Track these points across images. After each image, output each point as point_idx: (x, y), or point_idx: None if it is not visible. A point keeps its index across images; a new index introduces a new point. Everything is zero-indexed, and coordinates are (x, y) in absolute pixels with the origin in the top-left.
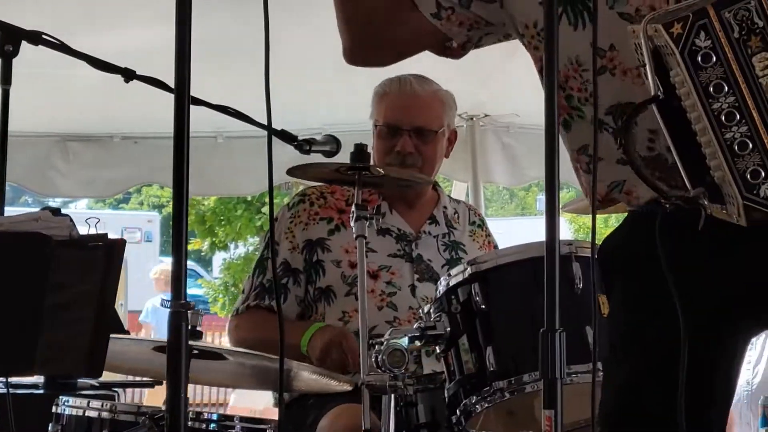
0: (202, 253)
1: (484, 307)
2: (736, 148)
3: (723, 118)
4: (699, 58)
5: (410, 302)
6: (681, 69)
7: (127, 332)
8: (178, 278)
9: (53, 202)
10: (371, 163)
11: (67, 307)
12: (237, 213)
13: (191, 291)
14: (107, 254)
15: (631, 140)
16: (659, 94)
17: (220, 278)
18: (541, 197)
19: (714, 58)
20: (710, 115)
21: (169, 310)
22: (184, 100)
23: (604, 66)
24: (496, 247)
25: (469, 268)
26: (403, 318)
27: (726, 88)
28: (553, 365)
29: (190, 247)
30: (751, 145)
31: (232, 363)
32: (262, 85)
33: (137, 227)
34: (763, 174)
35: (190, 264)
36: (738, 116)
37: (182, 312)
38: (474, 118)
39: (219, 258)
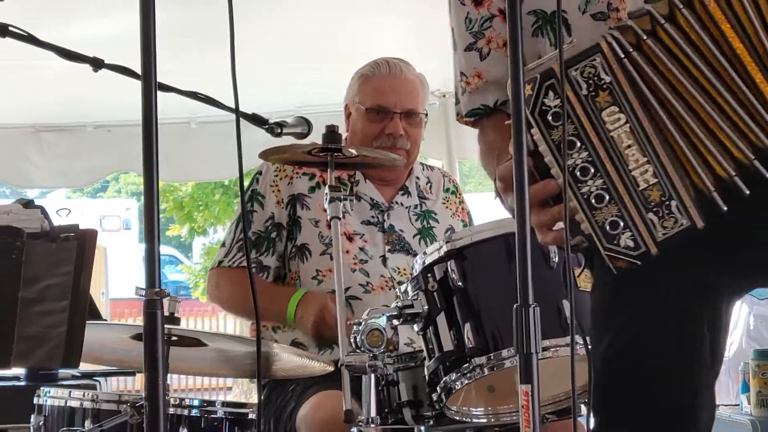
0: (182, 239)
1: (460, 284)
2: (593, 201)
3: (578, 173)
4: (549, 117)
5: (382, 271)
6: (535, 129)
7: (104, 320)
8: (152, 265)
9: (31, 192)
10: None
11: (41, 300)
12: (215, 198)
13: (172, 276)
14: (79, 245)
15: None
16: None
17: (200, 263)
18: None
19: (562, 117)
20: (564, 170)
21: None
22: (151, 86)
23: None
24: (468, 213)
25: (444, 246)
26: (375, 284)
27: (578, 144)
28: (528, 340)
29: (169, 233)
30: (607, 198)
31: (211, 350)
32: (236, 69)
33: (116, 215)
34: (621, 225)
35: (171, 250)
36: (592, 170)
37: (157, 300)
38: (446, 95)
39: (199, 243)
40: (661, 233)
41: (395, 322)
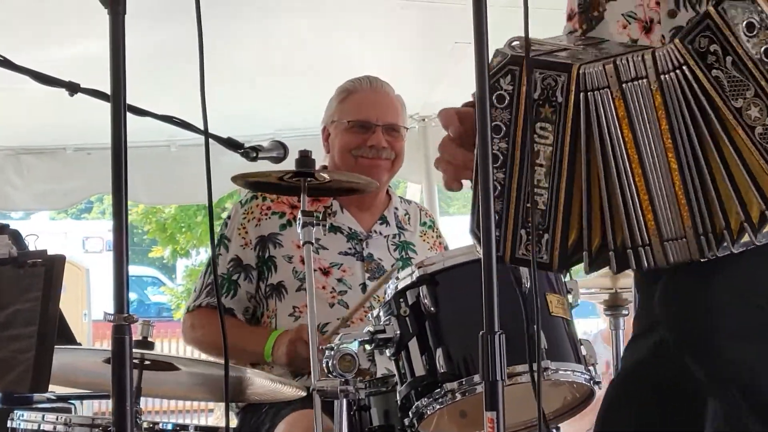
0: (165, 261)
1: (432, 309)
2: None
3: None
4: (494, 97)
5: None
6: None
7: (79, 344)
8: (121, 291)
9: (15, 214)
10: (321, 166)
11: (9, 325)
12: (197, 219)
13: (155, 298)
14: (47, 271)
15: None
16: None
17: (183, 285)
18: None
19: (506, 102)
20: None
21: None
22: (120, 110)
23: None
24: (446, 248)
25: (416, 271)
26: (355, 316)
27: (503, 132)
28: (493, 367)
29: (152, 255)
30: (498, 191)
31: (184, 373)
32: (215, 93)
33: (99, 237)
34: (496, 220)
35: (154, 272)
36: (501, 161)
37: (125, 325)
38: (426, 119)
39: (182, 265)
40: (521, 253)
41: (367, 347)
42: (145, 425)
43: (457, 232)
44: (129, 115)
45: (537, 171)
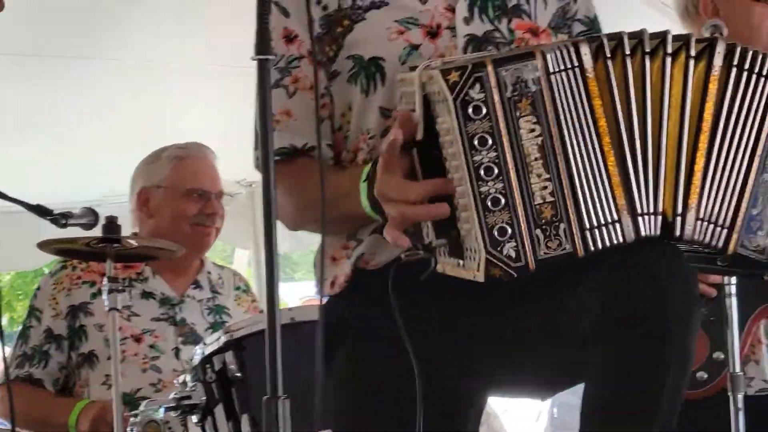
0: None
1: (239, 374)
2: (488, 203)
3: (482, 171)
4: (470, 109)
5: (174, 365)
6: (450, 117)
7: None
8: None
9: None
10: (132, 232)
11: None
12: (33, 287)
13: None
14: None
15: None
16: (420, 139)
17: None
18: None
19: (484, 112)
20: (470, 166)
21: None
22: None
23: (389, 127)
24: (262, 311)
25: (223, 336)
26: (168, 380)
27: (490, 143)
28: None
29: None
30: (503, 202)
31: None
32: (31, 159)
33: None
34: (509, 232)
35: None
36: (496, 172)
37: None
38: (252, 185)
39: None
40: (543, 252)
41: (173, 413)
42: None
43: (303, 297)
44: None
45: (535, 166)
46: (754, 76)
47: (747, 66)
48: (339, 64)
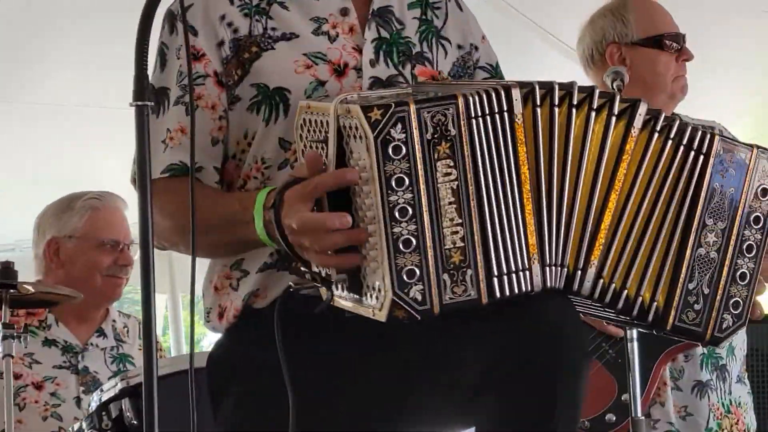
0: None
1: (135, 422)
2: (400, 244)
3: (396, 212)
4: (390, 149)
5: (76, 413)
6: (369, 155)
7: None
8: None
9: None
10: (40, 279)
11: None
12: None
13: None
14: None
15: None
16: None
17: None
18: None
19: (404, 152)
20: (385, 206)
21: None
22: None
23: (286, 159)
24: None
25: (119, 383)
26: (69, 429)
27: (407, 184)
28: None
29: None
30: (414, 244)
31: None
32: None
33: None
34: (417, 275)
35: None
36: (410, 213)
37: None
38: None
39: None
40: (448, 297)
41: None
42: None
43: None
44: None
45: (448, 210)
46: (682, 148)
47: (673, 135)
48: (242, 90)
